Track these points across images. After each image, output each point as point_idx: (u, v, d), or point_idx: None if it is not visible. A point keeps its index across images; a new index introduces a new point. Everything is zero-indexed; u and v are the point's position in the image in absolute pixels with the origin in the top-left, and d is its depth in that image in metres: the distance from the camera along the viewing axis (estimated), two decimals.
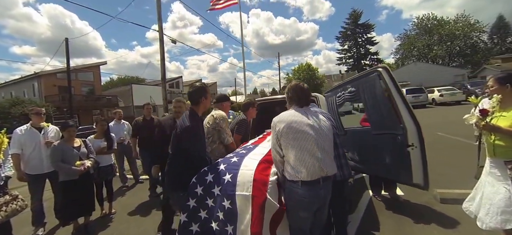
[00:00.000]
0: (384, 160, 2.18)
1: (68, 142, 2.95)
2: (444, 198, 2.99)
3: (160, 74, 10.16)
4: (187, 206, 1.73)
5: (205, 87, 2.12)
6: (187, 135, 1.87)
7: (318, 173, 1.55)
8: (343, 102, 2.92)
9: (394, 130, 2.03)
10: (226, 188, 1.67)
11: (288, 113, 1.70)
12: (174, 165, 1.93)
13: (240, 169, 1.74)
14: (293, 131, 1.59)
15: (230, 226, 1.60)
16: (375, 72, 2.12)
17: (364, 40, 48.89)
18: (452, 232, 2.44)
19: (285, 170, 1.64)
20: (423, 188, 1.94)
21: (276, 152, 1.67)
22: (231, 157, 1.94)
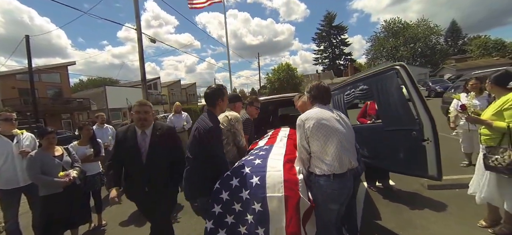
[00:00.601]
0: (398, 154, 2.27)
1: (48, 150, 2.62)
2: (431, 185, 3.25)
3: (140, 75, 9.54)
4: (212, 213, 1.68)
5: (222, 88, 2.03)
6: (211, 136, 1.78)
7: (347, 165, 1.66)
8: (353, 100, 3.00)
9: (410, 125, 2.12)
10: (256, 191, 1.64)
11: (316, 111, 1.78)
12: (196, 170, 1.81)
13: (267, 171, 1.71)
14: (323, 127, 1.67)
15: (261, 229, 1.57)
16: (393, 70, 2.20)
17: (338, 41, 51.50)
18: (443, 214, 2.68)
19: (315, 166, 1.69)
20: (437, 179, 2.07)
21: (304, 148, 1.73)
22: (253, 159, 1.90)
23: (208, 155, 1.79)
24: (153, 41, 10.75)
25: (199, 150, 1.79)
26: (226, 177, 1.76)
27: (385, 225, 2.59)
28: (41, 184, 2.50)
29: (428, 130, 2.09)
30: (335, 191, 1.66)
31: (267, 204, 1.59)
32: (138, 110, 2.04)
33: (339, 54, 51.94)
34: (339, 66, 50.08)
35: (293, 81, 34.76)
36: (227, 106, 2.53)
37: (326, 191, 1.66)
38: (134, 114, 2.07)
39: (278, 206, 1.58)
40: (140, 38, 9.36)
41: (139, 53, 9.39)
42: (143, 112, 2.03)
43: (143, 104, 2.08)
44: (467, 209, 2.63)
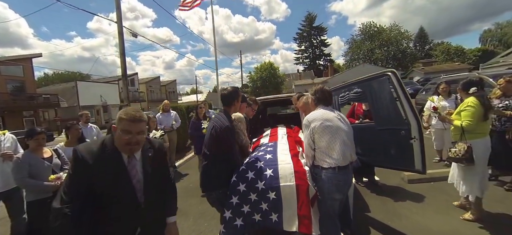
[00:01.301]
0: (389, 151, 2.52)
1: (36, 152, 2.44)
2: (410, 179, 3.62)
3: (120, 70, 9.02)
4: (230, 203, 1.88)
5: (238, 91, 2.16)
6: (229, 134, 1.93)
7: (349, 159, 1.88)
8: (347, 102, 3.22)
9: (399, 125, 2.38)
10: (270, 181, 1.87)
11: (320, 112, 1.99)
12: (213, 164, 1.95)
13: (279, 164, 1.97)
14: (328, 126, 1.88)
15: (274, 215, 1.82)
16: (385, 76, 2.44)
17: (318, 42, 53.16)
18: (422, 204, 3.02)
19: (322, 160, 1.88)
20: (422, 173, 2.34)
21: (309, 145, 1.94)
22: (263, 154, 2.15)
23: (224, 150, 1.94)
24: (135, 36, 10.22)
25: (216, 146, 1.92)
26: (242, 171, 1.96)
27: (374, 216, 2.84)
28: (29, 189, 2.33)
29: (415, 129, 2.35)
30: (340, 182, 1.87)
31: (281, 193, 1.82)
32: (129, 129, 1.23)
33: (319, 54, 53.70)
34: (319, 67, 51.80)
35: (275, 80, 35.31)
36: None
37: (332, 182, 1.85)
38: (121, 134, 1.24)
39: (290, 193, 1.82)
40: (121, 32, 8.84)
41: (119, 47, 8.87)
42: (136, 133, 1.26)
43: (137, 120, 1.25)
44: (441, 199, 2.99)
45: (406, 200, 3.14)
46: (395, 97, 2.40)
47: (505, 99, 3.00)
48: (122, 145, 1.28)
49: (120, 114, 1.28)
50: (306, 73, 45.99)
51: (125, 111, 1.29)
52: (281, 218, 1.79)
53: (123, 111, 1.29)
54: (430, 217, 2.71)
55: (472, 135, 2.44)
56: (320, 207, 1.94)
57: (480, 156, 2.42)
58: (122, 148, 1.29)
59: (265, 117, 5.82)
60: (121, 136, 1.25)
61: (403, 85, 2.39)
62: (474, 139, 2.43)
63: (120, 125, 1.26)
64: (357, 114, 3.90)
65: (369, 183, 3.73)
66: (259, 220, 1.84)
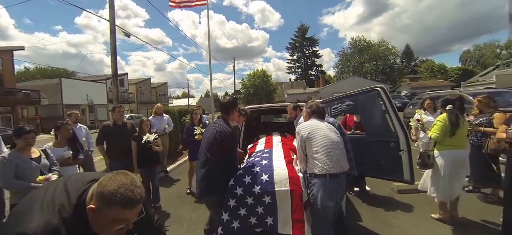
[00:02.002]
0: (380, 162, 2.63)
1: (24, 151, 2.33)
2: (400, 189, 3.74)
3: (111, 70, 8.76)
4: (228, 206, 1.94)
5: (236, 100, 2.37)
6: (230, 139, 2.02)
7: (339, 168, 1.94)
8: (339, 114, 3.32)
9: (389, 137, 2.49)
10: (266, 186, 1.96)
11: (310, 122, 2.12)
12: (215, 167, 1.97)
13: (274, 170, 2.09)
14: (317, 135, 2.00)
15: (270, 218, 1.90)
16: (375, 91, 2.57)
17: (310, 52, 54.53)
18: (412, 214, 3.12)
19: (312, 167, 1.97)
20: (410, 183, 2.45)
21: (301, 151, 2.06)
22: (259, 160, 2.26)
23: (226, 155, 2.02)
24: (127, 36, 10.04)
25: (218, 151, 1.97)
26: (239, 175, 2.05)
27: (365, 225, 2.90)
28: (14, 190, 2.20)
29: (403, 142, 2.47)
30: (332, 189, 1.93)
31: (276, 197, 1.92)
32: (127, 217, 0.91)
33: (311, 65, 54.99)
34: (310, 77, 52.94)
35: (267, 88, 35.64)
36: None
37: (324, 189, 1.91)
38: (110, 223, 0.89)
39: (285, 198, 1.92)
40: (114, 30, 8.67)
41: (111, 46, 8.65)
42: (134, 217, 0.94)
43: (137, 202, 0.90)
44: (429, 209, 3.10)
45: (396, 209, 3.24)
46: (384, 110, 2.53)
47: (480, 117, 3.28)
48: (109, 233, 0.92)
49: (110, 193, 0.84)
50: (298, 83, 46.79)
51: (118, 189, 0.85)
52: (276, 221, 1.88)
53: (114, 189, 0.85)
54: (419, 226, 2.81)
55: (440, 146, 2.77)
56: (313, 215, 1.98)
57: (443, 165, 2.71)
58: (98, 232, 0.93)
59: (259, 125, 5.87)
60: (110, 224, 0.88)
61: (391, 99, 2.52)
62: (441, 149, 2.75)
63: (111, 212, 0.86)
64: (349, 125, 4.03)
65: (361, 192, 3.81)
66: (254, 223, 1.92)
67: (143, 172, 3.54)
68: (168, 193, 4.29)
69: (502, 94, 6.02)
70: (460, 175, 2.73)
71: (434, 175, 2.84)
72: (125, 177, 0.91)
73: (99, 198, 0.86)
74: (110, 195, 0.85)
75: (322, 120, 2.22)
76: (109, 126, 3.57)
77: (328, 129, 2.09)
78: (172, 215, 3.48)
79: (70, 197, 0.91)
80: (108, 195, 0.85)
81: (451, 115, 2.68)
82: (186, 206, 3.74)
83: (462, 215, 2.90)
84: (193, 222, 3.21)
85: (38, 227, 0.80)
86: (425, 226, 2.81)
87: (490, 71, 28.19)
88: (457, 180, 2.73)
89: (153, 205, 3.62)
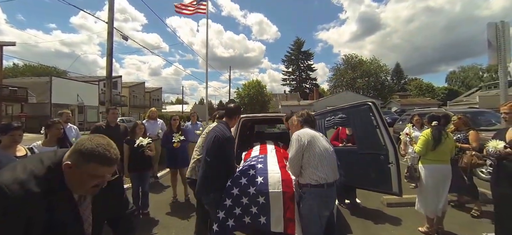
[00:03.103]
0: (370, 174, 2.68)
1: (9, 149, 2.25)
2: (389, 203, 3.81)
3: (106, 72, 8.68)
4: (224, 205, 2.06)
5: (240, 108, 2.52)
6: (228, 143, 2.15)
7: (333, 177, 1.98)
8: (332, 126, 3.41)
9: (379, 150, 2.57)
10: (260, 187, 2.09)
11: (308, 131, 2.09)
12: (213, 169, 2.12)
13: (268, 173, 2.22)
14: (316, 145, 1.99)
15: (263, 217, 2.04)
16: (366, 105, 2.68)
17: (305, 66, 55.70)
18: (400, 227, 3.17)
19: (310, 177, 1.95)
20: (399, 195, 2.51)
21: (297, 160, 1.98)
22: (255, 164, 2.38)
23: (224, 157, 2.14)
24: (125, 39, 10.05)
25: (218, 153, 2.10)
26: (236, 177, 2.18)
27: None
28: None
29: (392, 155, 2.56)
30: (328, 198, 1.97)
31: (269, 198, 2.05)
32: (103, 174, 0.93)
33: (306, 78, 56.05)
34: (305, 89, 53.83)
35: (262, 99, 35.95)
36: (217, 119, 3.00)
37: (322, 199, 1.94)
38: (87, 178, 0.91)
39: (277, 199, 2.05)
40: (111, 32, 8.67)
41: (107, 48, 8.63)
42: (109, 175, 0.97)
43: (114, 162, 0.95)
44: (416, 222, 3.16)
45: (385, 222, 3.28)
46: (375, 124, 2.63)
47: (457, 133, 3.50)
48: (84, 189, 0.96)
49: (87, 150, 0.89)
50: (292, 95, 47.43)
51: (96, 147, 0.90)
52: (269, 220, 2.02)
53: (91, 147, 0.89)
54: None
55: (424, 160, 2.88)
56: (309, 226, 1.98)
57: (426, 178, 2.82)
58: (81, 191, 0.97)
59: (253, 134, 5.90)
60: (87, 179, 0.92)
61: (381, 114, 2.63)
62: (424, 163, 2.87)
63: (89, 168, 0.89)
64: (341, 138, 4.12)
65: (351, 205, 3.85)
66: (248, 222, 2.05)
67: (134, 176, 3.47)
68: (158, 199, 4.20)
69: (484, 114, 6.36)
70: (444, 189, 2.81)
71: (421, 190, 2.93)
72: (102, 138, 0.97)
73: (77, 155, 0.91)
74: (88, 152, 0.90)
75: (314, 129, 2.22)
76: (101, 127, 3.52)
77: (323, 138, 2.11)
78: (161, 222, 3.39)
79: (44, 161, 0.93)
80: (86, 152, 0.90)
81: (435, 131, 2.82)
82: (176, 213, 3.66)
83: (447, 229, 2.98)
84: (182, 229, 3.15)
85: (7, 180, 0.80)
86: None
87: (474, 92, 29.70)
88: (442, 194, 2.81)
89: (141, 211, 3.53)
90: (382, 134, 2.52)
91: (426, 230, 2.94)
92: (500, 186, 2.28)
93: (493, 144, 2.22)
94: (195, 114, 5.27)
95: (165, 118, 6.56)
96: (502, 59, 4.23)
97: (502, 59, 4.23)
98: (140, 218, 3.47)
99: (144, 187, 3.53)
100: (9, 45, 21.26)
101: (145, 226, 3.22)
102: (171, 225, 3.27)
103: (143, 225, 3.25)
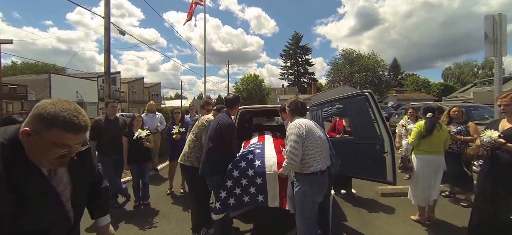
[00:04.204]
0: (366, 163, 2.76)
1: None
2: (383, 192, 3.93)
3: (104, 68, 8.65)
4: (226, 186, 2.30)
5: (239, 97, 2.72)
6: (229, 130, 2.39)
7: (326, 164, 2.08)
8: (330, 116, 3.47)
9: (375, 140, 2.64)
10: (258, 169, 2.32)
11: (304, 120, 2.14)
12: (215, 154, 2.37)
13: (265, 157, 2.45)
14: (312, 133, 2.05)
15: (260, 196, 2.29)
16: (363, 95, 2.73)
17: (303, 60, 55.56)
18: (393, 216, 3.29)
19: (307, 165, 2.00)
20: (393, 184, 2.60)
21: (300, 148, 1.95)
22: (254, 149, 2.61)
23: (226, 142, 2.39)
24: (122, 33, 9.96)
25: (220, 139, 2.35)
26: (236, 160, 2.40)
27: (350, 225, 3.04)
28: None
29: (388, 144, 2.63)
30: (322, 184, 2.06)
31: (266, 179, 2.29)
32: (69, 143, 0.84)
33: (304, 72, 55.98)
34: (303, 84, 53.82)
35: (260, 93, 35.89)
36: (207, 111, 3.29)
37: (316, 185, 2.03)
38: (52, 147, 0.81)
39: (273, 179, 2.29)
40: (108, 27, 8.60)
41: (105, 44, 8.57)
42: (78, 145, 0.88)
43: (83, 129, 0.86)
44: (409, 211, 3.28)
45: (379, 211, 3.40)
46: (371, 114, 2.69)
47: (458, 126, 3.54)
48: (48, 160, 0.84)
49: (49, 115, 0.78)
50: (290, 89, 47.41)
51: (59, 111, 0.79)
52: (266, 198, 2.28)
53: (54, 112, 0.79)
54: (399, 227, 2.98)
55: (416, 150, 2.99)
56: (303, 212, 2.07)
57: (418, 168, 2.92)
58: (45, 162, 0.85)
59: (251, 125, 5.99)
60: (50, 148, 0.81)
61: (378, 104, 2.69)
62: (416, 154, 2.98)
63: (51, 134, 0.79)
64: (338, 129, 4.20)
65: (347, 195, 3.97)
66: (247, 201, 2.30)
67: (134, 168, 3.54)
68: (158, 190, 4.28)
69: (478, 108, 6.51)
70: (435, 180, 2.90)
71: (413, 180, 3.04)
72: (68, 104, 0.85)
73: (37, 120, 0.78)
74: (51, 116, 0.78)
75: (304, 117, 2.24)
76: (100, 120, 3.56)
77: (316, 126, 2.18)
78: (161, 212, 3.48)
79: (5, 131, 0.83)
80: (48, 116, 0.78)
81: (428, 123, 2.90)
82: (176, 204, 3.75)
83: (438, 217, 3.09)
84: (182, 219, 3.23)
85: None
86: (404, 227, 2.97)
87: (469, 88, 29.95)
88: (433, 184, 2.90)
89: (142, 202, 3.61)
90: (378, 124, 2.59)
91: (418, 219, 3.06)
92: (491, 175, 2.32)
93: (488, 134, 2.26)
94: (193, 108, 5.41)
95: (165, 112, 6.60)
96: (498, 52, 4.29)
97: (498, 52, 4.29)
98: (141, 208, 3.56)
99: (144, 179, 3.60)
100: (7, 43, 20.99)
101: (146, 217, 3.30)
102: (172, 216, 3.36)
103: (144, 216, 3.33)
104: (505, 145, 2.16)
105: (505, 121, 2.33)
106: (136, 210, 3.52)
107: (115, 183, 3.60)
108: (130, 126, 3.60)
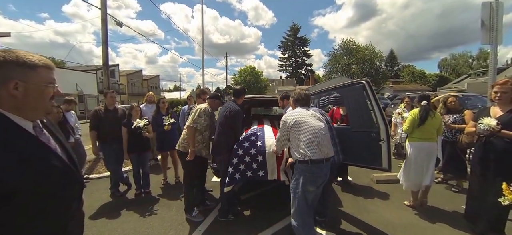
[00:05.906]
0: (362, 151, 2.81)
1: None
2: (378, 179, 4.05)
3: (102, 60, 8.49)
4: (232, 162, 2.73)
5: (245, 89, 3.24)
6: (237, 115, 2.85)
7: (320, 154, 2.05)
8: (327, 105, 3.51)
9: (371, 128, 2.69)
10: (259, 148, 2.73)
11: (297, 111, 2.25)
12: (224, 136, 2.82)
13: (265, 138, 2.84)
14: (300, 122, 2.13)
15: (261, 171, 2.71)
16: (360, 84, 2.75)
17: (301, 52, 55.09)
18: (387, 201, 3.41)
19: (298, 154, 2.10)
20: (388, 171, 2.66)
21: (285, 137, 2.27)
22: (255, 132, 2.95)
23: (233, 126, 2.84)
24: (119, 25, 9.75)
25: (228, 123, 2.81)
26: (241, 141, 2.82)
27: (345, 210, 3.15)
28: None
29: (383, 132, 2.69)
30: (314, 174, 2.06)
31: (266, 156, 2.70)
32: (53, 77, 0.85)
33: (301, 64, 55.64)
34: (301, 75, 53.61)
35: (258, 84, 35.73)
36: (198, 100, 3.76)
37: (305, 174, 2.07)
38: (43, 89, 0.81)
39: (272, 157, 2.69)
40: (105, 19, 8.40)
41: (102, 35, 8.39)
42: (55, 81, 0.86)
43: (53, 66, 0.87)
44: (403, 197, 3.41)
45: (374, 197, 3.52)
46: (368, 102, 2.73)
47: (453, 115, 3.63)
48: (45, 105, 0.82)
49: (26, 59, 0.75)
50: (288, 80, 47.28)
51: (27, 54, 0.77)
52: (266, 173, 2.69)
53: (25, 55, 0.76)
54: (393, 212, 3.10)
55: (410, 138, 3.10)
56: (295, 199, 2.14)
57: (411, 154, 3.03)
58: (41, 111, 0.83)
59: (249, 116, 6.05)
60: (42, 90, 0.79)
61: (374, 92, 2.73)
62: (410, 141, 3.09)
63: (40, 77, 0.78)
64: (336, 118, 4.26)
65: (343, 182, 4.08)
66: (250, 175, 2.73)
67: (133, 158, 3.58)
68: (158, 179, 4.34)
69: (471, 98, 6.66)
70: (428, 166, 2.99)
71: (406, 165, 3.13)
72: (27, 52, 0.81)
73: (16, 69, 0.73)
74: (27, 59, 0.74)
75: (307, 108, 2.32)
76: (100, 111, 3.56)
77: (312, 116, 2.20)
78: (162, 200, 3.55)
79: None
80: (26, 60, 0.74)
81: (422, 111, 2.96)
82: (175, 192, 3.81)
83: (431, 203, 3.22)
84: (182, 206, 3.28)
85: None
86: (397, 212, 3.09)
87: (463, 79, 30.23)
88: (425, 171, 3.00)
89: (143, 190, 3.68)
90: (375, 112, 2.64)
91: (412, 204, 3.18)
92: (484, 161, 2.36)
93: (486, 121, 2.23)
94: (191, 98, 5.64)
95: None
96: (494, 39, 4.33)
97: (494, 39, 4.33)
98: (142, 196, 3.63)
99: (145, 168, 3.66)
100: (4, 36, 20.37)
101: (147, 204, 3.37)
102: (172, 203, 3.43)
103: (145, 203, 3.40)
104: (501, 132, 2.17)
105: (495, 108, 2.37)
106: (137, 198, 3.59)
107: (117, 172, 3.65)
108: (129, 116, 3.61)
